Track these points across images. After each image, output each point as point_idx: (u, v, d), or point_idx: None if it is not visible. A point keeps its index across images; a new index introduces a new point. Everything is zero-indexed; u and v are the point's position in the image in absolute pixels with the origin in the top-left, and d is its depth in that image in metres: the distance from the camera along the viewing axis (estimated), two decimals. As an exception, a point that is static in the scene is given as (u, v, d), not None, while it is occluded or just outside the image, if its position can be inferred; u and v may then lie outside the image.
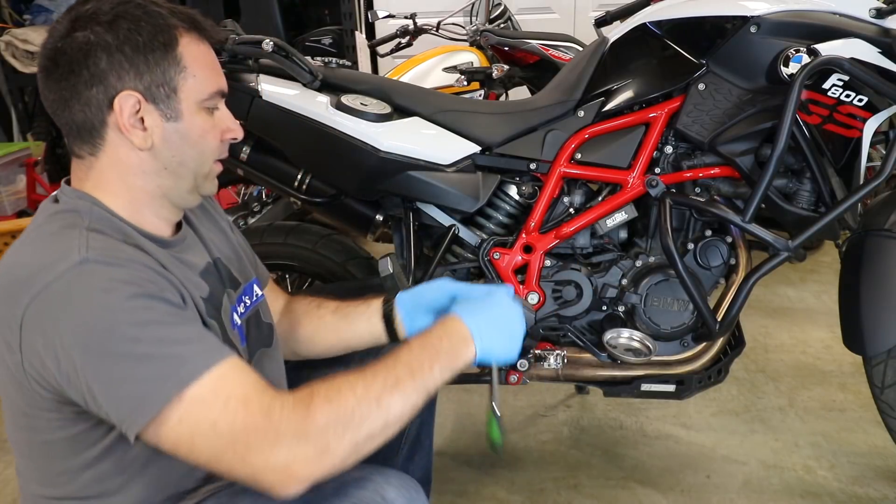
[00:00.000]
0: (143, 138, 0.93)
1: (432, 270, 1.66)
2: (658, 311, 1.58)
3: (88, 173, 0.96)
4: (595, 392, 2.15)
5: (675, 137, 1.55)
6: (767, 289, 2.88)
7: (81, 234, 0.88)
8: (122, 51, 0.89)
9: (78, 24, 0.89)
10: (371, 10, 3.14)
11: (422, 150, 1.57)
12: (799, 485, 1.79)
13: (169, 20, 0.92)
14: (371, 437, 0.87)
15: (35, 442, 0.94)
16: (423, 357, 0.94)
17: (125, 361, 0.82)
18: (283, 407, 0.84)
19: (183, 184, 0.99)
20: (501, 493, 1.80)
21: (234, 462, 0.83)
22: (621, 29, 1.62)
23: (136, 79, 0.90)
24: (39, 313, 0.83)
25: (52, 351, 0.82)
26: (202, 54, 0.96)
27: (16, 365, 0.86)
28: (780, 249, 1.43)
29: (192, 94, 0.94)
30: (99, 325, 0.82)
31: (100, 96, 0.90)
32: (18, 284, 0.84)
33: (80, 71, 0.89)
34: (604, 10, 2.02)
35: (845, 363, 2.32)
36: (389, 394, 0.89)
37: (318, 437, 0.84)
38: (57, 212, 0.93)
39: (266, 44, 1.54)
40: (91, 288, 0.83)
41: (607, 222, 1.59)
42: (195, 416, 0.83)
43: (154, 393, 0.82)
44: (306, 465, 0.83)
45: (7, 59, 3.94)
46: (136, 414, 0.82)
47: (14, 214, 3.63)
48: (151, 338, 0.83)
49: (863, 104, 1.42)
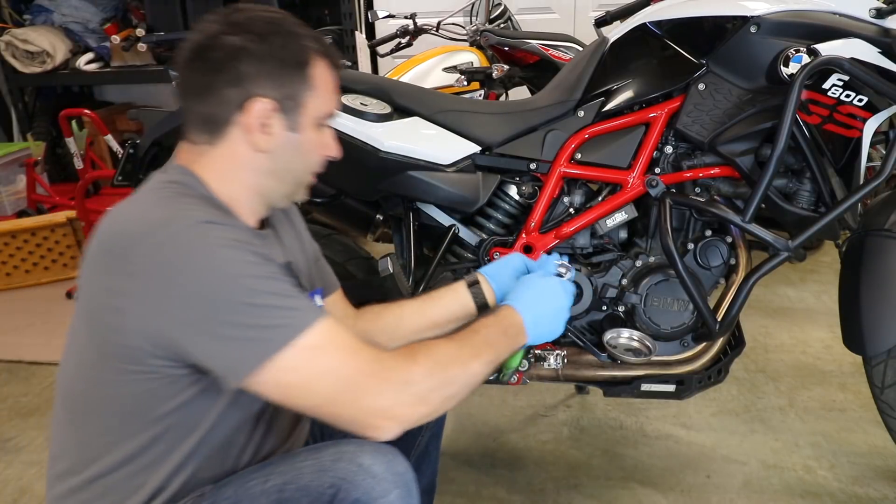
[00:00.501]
0: (265, 141, 1.01)
1: (432, 270, 1.66)
2: (658, 311, 1.58)
3: (199, 158, 1.03)
4: (595, 392, 2.15)
5: (675, 137, 1.56)
6: (767, 289, 2.89)
7: (198, 201, 0.97)
8: (266, 62, 0.98)
9: (231, 29, 0.98)
10: (371, 10, 3.13)
11: (422, 150, 1.58)
12: (799, 485, 1.79)
13: (309, 44, 1.03)
14: (455, 395, 0.99)
15: (93, 397, 0.97)
16: (494, 337, 1.08)
17: (245, 309, 0.88)
18: (390, 357, 0.95)
19: (283, 188, 1.07)
20: (501, 493, 1.80)
21: (347, 404, 0.91)
22: (621, 29, 1.62)
23: (272, 88, 0.99)
24: (159, 263, 0.88)
25: (165, 297, 0.87)
26: (329, 79, 1.05)
27: (115, 311, 0.90)
28: (780, 249, 1.43)
29: (313, 112, 1.04)
30: (220, 275, 0.88)
31: (235, 97, 0.98)
32: (134, 237, 0.90)
33: (223, 70, 0.98)
34: (604, 10, 2.02)
35: (845, 363, 2.32)
36: (473, 360, 1.01)
37: (419, 385, 0.94)
38: (169, 181, 1.00)
39: (266, 44, 1.53)
40: (212, 243, 0.90)
41: (607, 222, 1.59)
42: (312, 362, 0.90)
43: (273, 338, 0.88)
44: (407, 410, 0.93)
45: (7, 59, 3.94)
46: (249, 359, 0.88)
47: (14, 214, 3.64)
48: (267, 290, 0.90)
49: (863, 104, 1.42)
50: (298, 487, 0.94)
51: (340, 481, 0.92)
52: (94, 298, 0.94)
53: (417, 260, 1.68)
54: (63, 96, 4.43)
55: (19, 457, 2.03)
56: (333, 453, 0.96)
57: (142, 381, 0.93)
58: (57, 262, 3.32)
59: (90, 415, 0.98)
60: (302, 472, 0.95)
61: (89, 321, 0.95)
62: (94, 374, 0.96)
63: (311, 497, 0.93)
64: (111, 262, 0.92)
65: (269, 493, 0.95)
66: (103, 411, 0.97)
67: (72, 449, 1.01)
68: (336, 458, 0.95)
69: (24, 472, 1.96)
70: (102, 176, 3.43)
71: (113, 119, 4.10)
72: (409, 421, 0.94)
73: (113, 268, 0.91)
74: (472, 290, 1.26)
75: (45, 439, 2.10)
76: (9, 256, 3.23)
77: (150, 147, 2.09)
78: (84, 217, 3.18)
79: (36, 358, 2.59)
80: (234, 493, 0.97)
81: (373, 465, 0.94)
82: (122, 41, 3.90)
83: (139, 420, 0.96)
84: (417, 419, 0.95)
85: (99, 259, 0.94)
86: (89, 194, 3.69)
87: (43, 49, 3.88)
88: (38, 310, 3.03)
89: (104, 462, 0.97)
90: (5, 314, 3.01)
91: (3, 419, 2.23)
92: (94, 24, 4.06)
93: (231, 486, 0.98)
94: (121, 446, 0.97)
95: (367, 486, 0.92)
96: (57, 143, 4.12)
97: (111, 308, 0.91)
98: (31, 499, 1.86)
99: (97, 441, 0.98)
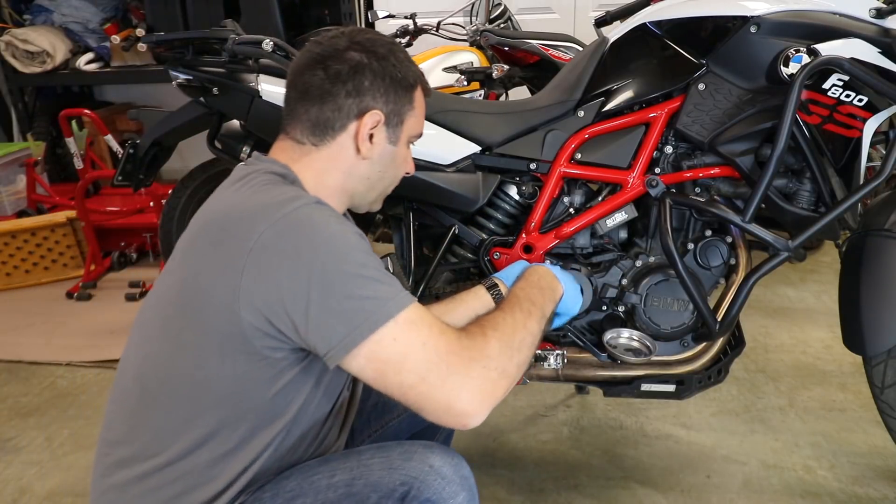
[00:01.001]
0: (369, 149, 1.11)
1: (432, 270, 1.66)
2: (658, 311, 1.58)
3: (301, 157, 1.10)
4: (595, 392, 2.15)
5: (675, 137, 1.56)
6: (767, 289, 2.89)
7: (300, 189, 1.04)
8: (384, 79, 1.10)
9: (356, 46, 1.09)
10: (371, 10, 3.13)
11: (422, 150, 1.57)
12: (799, 485, 1.79)
13: (415, 70, 1.15)
14: (526, 359, 1.05)
15: (181, 382, 0.99)
16: (534, 292, 1.18)
17: (357, 281, 0.93)
18: (468, 336, 0.99)
19: (370, 195, 1.18)
20: (501, 493, 1.80)
21: (437, 383, 0.94)
22: (621, 29, 1.62)
23: (384, 103, 1.10)
24: (278, 236, 0.93)
25: (282, 272, 0.92)
26: (423, 104, 1.19)
27: (228, 288, 0.93)
28: (780, 249, 1.43)
29: (410, 130, 1.16)
30: (336, 249, 0.94)
31: (353, 106, 1.09)
32: (248, 218, 0.95)
33: (345, 81, 1.08)
34: (604, 10, 2.02)
35: (845, 363, 2.32)
36: (528, 319, 1.10)
37: (498, 359, 0.98)
38: (270, 171, 1.06)
39: (266, 44, 1.54)
40: (328, 220, 0.97)
41: (607, 222, 1.59)
42: (411, 336, 0.94)
43: (378, 311, 0.93)
44: (493, 386, 0.96)
45: (7, 59, 3.94)
46: (356, 332, 0.92)
47: (14, 214, 3.64)
48: (375, 266, 0.97)
49: (863, 104, 1.42)
50: (367, 483, 0.96)
51: (412, 480, 0.94)
52: (201, 277, 0.96)
53: (417, 260, 1.68)
54: (63, 96, 4.43)
55: (19, 457, 2.03)
56: (402, 452, 0.98)
57: (242, 363, 0.96)
58: (57, 262, 3.32)
59: (174, 399, 0.99)
60: (371, 468, 0.97)
61: (190, 302, 0.97)
62: (189, 358, 0.98)
63: (380, 493, 0.95)
64: (226, 239, 0.95)
65: (337, 487, 0.97)
66: (192, 395, 0.98)
67: (143, 434, 1.01)
68: (406, 457, 0.97)
69: (24, 472, 1.96)
70: (102, 176, 3.43)
71: (113, 119, 4.10)
72: (496, 397, 0.97)
73: (228, 246, 0.95)
74: (491, 292, 1.31)
75: (46, 439, 2.11)
76: (9, 256, 3.23)
77: (150, 147, 2.09)
78: (84, 217, 3.18)
79: (36, 358, 2.59)
80: (297, 485, 0.99)
81: (443, 466, 0.97)
82: (122, 41, 3.90)
83: (229, 405, 0.98)
84: (503, 393, 0.98)
85: (210, 239, 0.98)
86: (89, 194, 3.69)
87: (43, 49, 3.88)
88: (38, 310, 3.03)
89: (181, 446, 0.99)
90: (5, 314, 3.01)
91: (3, 419, 2.23)
92: (94, 24, 4.06)
93: (293, 479, 1.00)
94: (203, 431, 0.99)
95: (437, 487, 0.94)
96: (57, 143, 4.12)
97: (224, 285, 0.94)
98: (31, 499, 1.86)
99: (178, 427, 0.99)
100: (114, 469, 1.03)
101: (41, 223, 3.27)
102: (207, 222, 1.01)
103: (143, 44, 3.83)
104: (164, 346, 1.01)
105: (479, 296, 1.31)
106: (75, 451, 2.04)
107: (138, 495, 1.00)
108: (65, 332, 2.79)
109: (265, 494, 0.99)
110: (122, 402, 1.05)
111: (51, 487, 1.89)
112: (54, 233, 3.27)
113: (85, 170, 3.40)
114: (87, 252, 3.28)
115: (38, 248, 3.27)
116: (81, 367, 2.53)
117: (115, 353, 2.52)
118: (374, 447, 1.03)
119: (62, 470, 1.96)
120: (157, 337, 1.02)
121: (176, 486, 0.99)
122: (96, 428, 1.04)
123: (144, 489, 1.00)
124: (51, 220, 3.28)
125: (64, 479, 1.92)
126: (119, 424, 1.05)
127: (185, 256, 1.02)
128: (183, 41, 1.77)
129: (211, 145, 1.88)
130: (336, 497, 0.96)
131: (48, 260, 3.30)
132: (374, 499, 0.95)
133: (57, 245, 3.30)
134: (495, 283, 1.31)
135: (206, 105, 1.77)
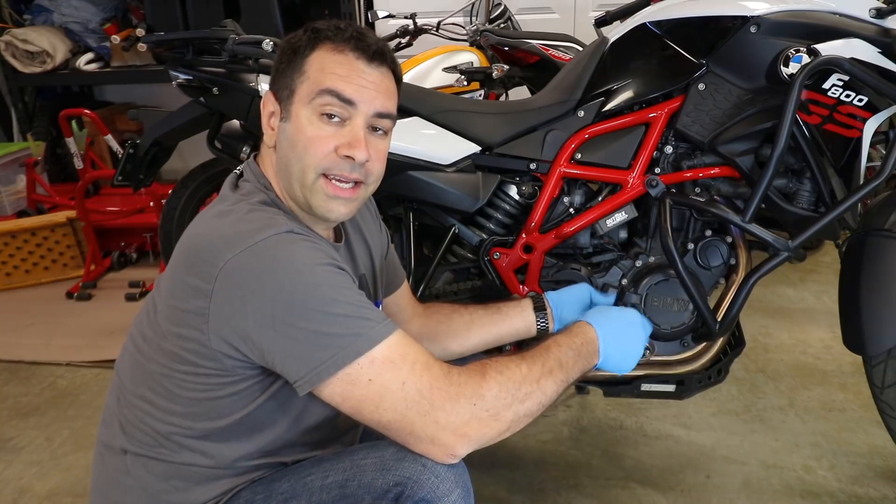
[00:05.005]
0: (271, 137, 1.06)
1: (432, 270, 1.66)
2: (658, 311, 1.57)
3: (266, 158, 1.08)
4: (595, 392, 2.15)
5: (675, 137, 1.55)
6: (767, 289, 2.89)
7: (279, 213, 1.00)
8: (281, 55, 1.05)
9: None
10: (371, 10, 3.14)
11: (422, 150, 1.57)
12: (799, 485, 1.79)
13: (309, 34, 1.06)
14: (529, 413, 0.99)
15: (166, 387, 0.99)
16: (568, 355, 1.08)
17: (323, 318, 0.90)
18: (461, 373, 0.95)
19: (301, 193, 1.03)
20: (501, 493, 1.80)
21: (417, 420, 0.91)
22: (621, 29, 1.62)
23: (274, 81, 1.05)
24: (241, 267, 0.90)
25: (246, 301, 0.90)
26: (330, 61, 1.03)
27: (197, 312, 0.92)
28: (780, 249, 1.43)
29: (305, 95, 1.02)
30: (301, 283, 0.90)
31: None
32: (218, 245, 0.93)
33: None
34: (604, 10, 2.02)
35: (845, 363, 2.32)
36: (546, 378, 1.01)
37: (492, 402, 0.94)
38: (252, 191, 1.04)
39: (266, 44, 1.54)
40: (295, 252, 0.92)
41: (607, 222, 1.58)
42: (386, 376, 0.91)
43: (347, 348, 0.90)
44: (479, 427, 0.93)
45: (7, 59, 3.94)
46: (323, 367, 0.89)
47: (14, 214, 3.64)
48: (346, 300, 0.92)
49: (863, 104, 1.42)
50: (361, 484, 0.95)
51: (406, 480, 0.93)
52: (176, 294, 0.96)
53: (417, 260, 1.68)
54: (63, 96, 4.43)
55: (19, 457, 2.03)
56: (395, 452, 0.97)
57: (216, 386, 0.96)
58: (57, 262, 3.32)
59: (165, 403, 1.00)
60: (364, 469, 0.96)
61: (169, 316, 0.97)
62: (174, 375, 0.98)
63: (374, 494, 0.94)
64: (197, 262, 0.94)
65: (330, 489, 0.96)
66: (174, 400, 0.99)
67: (138, 434, 1.02)
68: (399, 457, 0.96)
69: (24, 472, 1.96)
70: (102, 176, 3.43)
71: (113, 119, 4.10)
72: (481, 439, 0.94)
73: (198, 270, 0.93)
74: (537, 314, 1.29)
75: (45, 439, 2.10)
76: (9, 256, 3.23)
77: (150, 147, 2.09)
78: (84, 217, 3.18)
79: (36, 358, 2.59)
80: (290, 487, 0.98)
81: (436, 464, 0.95)
82: (122, 41, 3.90)
83: (220, 417, 0.99)
84: (490, 437, 0.95)
85: (187, 261, 0.96)
86: (89, 194, 3.69)
87: (43, 49, 3.88)
88: (38, 310, 3.03)
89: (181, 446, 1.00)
90: (5, 314, 3.01)
91: (3, 419, 2.23)
92: (94, 24, 4.06)
93: (286, 481, 0.99)
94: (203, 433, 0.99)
95: (431, 486, 0.93)
96: (57, 143, 4.12)
97: (193, 308, 0.93)
98: (31, 499, 1.86)
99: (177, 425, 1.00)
100: (111, 467, 1.04)
101: (41, 223, 3.27)
102: (191, 244, 0.99)
103: (143, 44, 3.82)
104: (146, 359, 1.01)
105: (524, 315, 1.28)
106: (75, 451, 2.04)
107: (135, 490, 1.01)
108: (65, 332, 2.79)
109: (258, 497, 0.99)
110: (116, 402, 1.06)
111: (51, 487, 1.89)
112: (54, 233, 3.27)
113: (85, 170, 3.40)
114: (87, 252, 3.28)
115: (38, 248, 3.27)
116: (81, 367, 2.53)
117: (115, 353, 2.50)
118: (367, 446, 1.02)
119: (62, 470, 1.96)
120: (141, 347, 1.03)
121: (174, 482, 1.00)
122: (96, 428, 1.04)
123: (141, 485, 1.01)
124: (51, 220, 3.28)
125: (64, 479, 1.92)
126: (115, 426, 1.05)
127: (168, 272, 1.01)
128: (183, 41, 1.77)
129: (211, 145, 1.89)
130: (330, 499, 0.95)
131: (48, 260, 3.30)
132: (367, 500, 0.94)
133: (57, 245, 3.30)
134: (544, 307, 1.29)
135: (206, 105, 1.77)
